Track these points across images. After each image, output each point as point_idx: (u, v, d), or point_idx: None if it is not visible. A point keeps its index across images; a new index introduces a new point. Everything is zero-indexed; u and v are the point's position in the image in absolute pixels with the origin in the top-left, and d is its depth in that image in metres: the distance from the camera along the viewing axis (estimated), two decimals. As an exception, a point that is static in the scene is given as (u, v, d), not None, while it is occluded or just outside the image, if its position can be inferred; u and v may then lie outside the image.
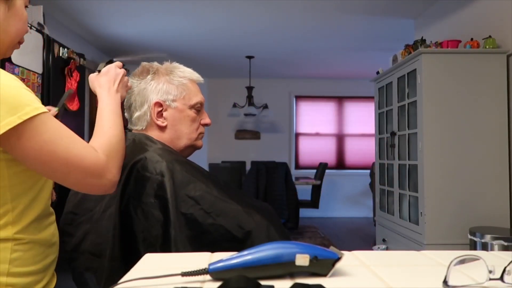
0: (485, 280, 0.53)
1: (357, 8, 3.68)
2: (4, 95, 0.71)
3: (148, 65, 1.16)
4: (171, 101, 1.13)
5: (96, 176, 0.80)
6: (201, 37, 4.57)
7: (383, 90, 3.46)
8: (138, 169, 0.98)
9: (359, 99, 6.77)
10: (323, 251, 0.58)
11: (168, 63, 1.18)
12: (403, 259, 0.70)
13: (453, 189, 2.60)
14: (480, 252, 0.72)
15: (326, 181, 5.94)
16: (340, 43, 4.81)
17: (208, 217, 0.94)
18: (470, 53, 2.67)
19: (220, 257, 0.59)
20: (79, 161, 0.77)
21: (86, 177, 0.79)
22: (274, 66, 5.93)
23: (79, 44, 4.43)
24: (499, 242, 2.22)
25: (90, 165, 0.78)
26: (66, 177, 0.78)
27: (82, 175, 0.78)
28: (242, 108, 5.85)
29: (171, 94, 1.13)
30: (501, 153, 2.60)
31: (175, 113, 1.13)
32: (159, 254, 0.75)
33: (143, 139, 1.08)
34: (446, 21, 3.39)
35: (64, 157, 0.76)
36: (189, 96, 1.15)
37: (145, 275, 0.57)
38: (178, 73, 1.15)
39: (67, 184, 0.80)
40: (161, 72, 1.15)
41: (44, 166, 0.76)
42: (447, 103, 2.62)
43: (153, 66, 1.16)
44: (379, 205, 3.61)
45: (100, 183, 0.81)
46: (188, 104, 1.15)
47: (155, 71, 1.14)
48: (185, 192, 0.96)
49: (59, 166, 0.76)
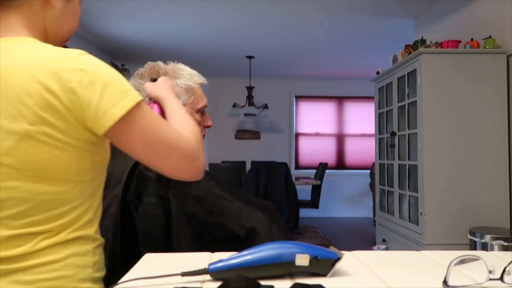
0: (485, 280, 0.53)
1: (357, 8, 3.68)
2: (114, 79, 0.70)
3: (156, 66, 1.13)
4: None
5: (194, 159, 0.78)
6: (201, 37, 4.58)
7: (383, 90, 3.46)
8: (140, 169, 0.98)
9: (359, 99, 6.77)
10: (323, 251, 0.58)
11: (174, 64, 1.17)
12: (403, 259, 0.70)
13: (453, 189, 2.60)
14: (480, 252, 0.72)
15: (326, 181, 5.94)
16: (340, 43, 4.81)
17: (210, 217, 0.95)
18: (470, 53, 2.67)
19: (220, 257, 0.59)
20: (178, 143, 0.75)
21: (185, 159, 0.77)
22: (274, 66, 5.93)
23: (79, 44, 4.43)
24: (499, 242, 2.22)
25: (188, 148, 0.77)
26: (166, 160, 0.75)
27: (181, 158, 0.76)
28: (242, 108, 5.85)
29: (181, 99, 1.11)
30: (501, 153, 2.60)
31: None
32: (159, 254, 0.75)
33: None
34: (446, 21, 3.39)
35: (166, 139, 0.74)
36: (196, 100, 1.14)
37: (145, 275, 0.57)
38: (186, 76, 1.13)
39: (165, 167, 0.77)
40: (170, 75, 1.12)
41: (146, 149, 0.73)
42: (447, 103, 2.62)
43: (161, 67, 1.13)
44: (379, 205, 3.61)
45: (196, 166, 0.79)
46: (195, 108, 1.14)
47: (164, 74, 1.12)
48: (187, 191, 0.96)
49: (161, 148, 0.74)
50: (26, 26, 0.76)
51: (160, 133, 0.73)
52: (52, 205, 0.70)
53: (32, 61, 0.68)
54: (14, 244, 0.68)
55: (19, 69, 0.67)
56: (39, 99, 0.66)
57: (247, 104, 5.67)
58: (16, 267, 0.67)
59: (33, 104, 0.65)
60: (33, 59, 0.68)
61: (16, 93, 0.66)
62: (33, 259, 0.68)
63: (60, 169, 0.69)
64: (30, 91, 0.66)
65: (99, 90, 0.68)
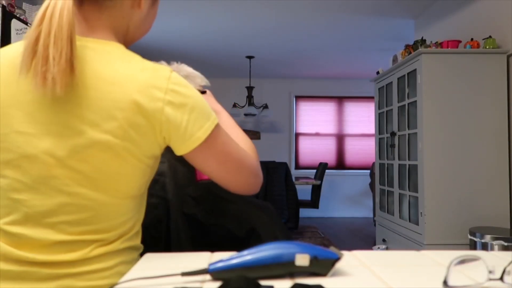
0: (485, 280, 0.53)
1: (357, 8, 3.68)
2: (199, 101, 0.71)
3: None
4: None
5: (257, 175, 0.80)
6: (201, 37, 4.58)
7: (383, 90, 3.46)
8: None
9: (359, 99, 6.78)
10: (323, 251, 0.58)
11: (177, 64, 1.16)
12: (403, 259, 0.70)
13: (453, 189, 2.60)
14: (480, 252, 0.72)
15: (326, 181, 5.94)
16: (340, 43, 4.81)
17: (210, 217, 0.95)
18: (470, 53, 2.67)
19: (220, 257, 0.59)
20: (246, 161, 0.78)
21: (250, 176, 0.79)
22: (274, 66, 5.93)
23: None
24: (499, 242, 2.22)
25: (253, 165, 0.79)
26: (235, 177, 0.77)
27: (248, 175, 0.78)
28: (242, 108, 5.85)
29: None
30: (501, 153, 2.61)
31: None
32: (159, 254, 0.75)
33: None
34: (446, 21, 3.39)
35: (237, 157, 0.76)
36: None
37: (145, 275, 0.57)
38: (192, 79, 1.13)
39: (233, 184, 0.79)
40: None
41: (219, 166, 0.75)
42: (447, 103, 2.62)
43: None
44: (379, 205, 3.61)
45: (258, 182, 0.81)
46: None
47: None
48: (187, 192, 0.96)
49: (233, 166, 0.76)
50: (111, 28, 0.75)
51: (232, 152, 0.75)
52: (111, 216, 0.70)
53: (125, 74, 0.67)
54: (66, 249, 0.67)
55: (112, 80, 0.66)
56: (129, 115, 0.65)
57: (247, 104, 5.67)
58: (67, 272, 0.67)
59: (122, 118, 0.65)
60: (127, 73, 0.67)
61: (106, 103, 0.65)
62: (86, 265, 0.68)
63: (128, 182, 0.70)
64: (121, 104, 0.65)
65: (188, 112, 0.69)
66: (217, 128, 0.73)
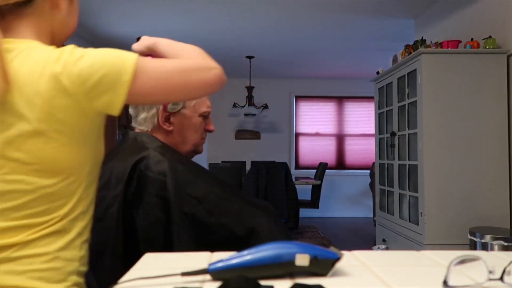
0: (485, 280, 0.53)
1: (357, 8, 3.68)
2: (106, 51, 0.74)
3: None
4: (181, 108, 1.12)
5: (207, 68, 0.80)
6: (201, 37, 4.58)
7: (383, 90, 3.46)
8: (140, 169, 0.98)
9: (359, 99, 6.78)
10: (323, 251, 0.58)
11: None
12: (403, 259, 0.70)
13: (453, 189, 2.60)
14: (480, 252, 0.72)
15: (326, 181, 5.94)
16: (340, 43, 4.81)
17: (211, 217, 0.95)
18: (470, 53, 2.67)
19: (220, 257, 0.59)
20: (186, 66, 0.79)
21: (201, 73, 0.79)
22: (274, 66, 5.93)
23: (79, 44, 4.42)
24: (499, 242, 2.22)
25: (198, 64, 0.80)
26: (188, 86, 0.78)
27: (198, 75, 0.79)
28: (242, 108, 5.85)
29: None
30: (501, 153, 2.60)
31: (183, 119, 1.13)
32: (159, 254, 0.75)
33: (144, 138, 1.08)
34: (446, 21, 3.39)
35: (175, 70, 0.77)
36: (199, 104, 1.14)
37: (145, 275, 0.57)
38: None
39: (193, 92, 0.80)
40: None
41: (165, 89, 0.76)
42: (447, 103, 2.62)
43: None
44: (379, 205, 3.61)
45: (215, 72, 0.81)
46: (197, 112, 1.14)
47: None
48: (187, 192, 0.96)
49: (177, 79, 0.77)
50: (35, 33, 0.79)
51: (168, 70, 0.77)
52: (52, 198, 0.73)
53: (38, 62, 0.71)
54: (10, 235, 0.70)
55: (27, 71, 0.70)
56: (47, 97, 0.69)
57: (247, 104, 5.67)
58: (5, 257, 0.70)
59: (42, 102, 0.69)
60: (39, 60, 0.71)
61: (26, 92, 0.69)
62: (25, 249, 0.71)
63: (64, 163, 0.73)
64: (38, 89, 0.69)
65: (99, 67, 0.72)
66: (141, 59, 0.74)
